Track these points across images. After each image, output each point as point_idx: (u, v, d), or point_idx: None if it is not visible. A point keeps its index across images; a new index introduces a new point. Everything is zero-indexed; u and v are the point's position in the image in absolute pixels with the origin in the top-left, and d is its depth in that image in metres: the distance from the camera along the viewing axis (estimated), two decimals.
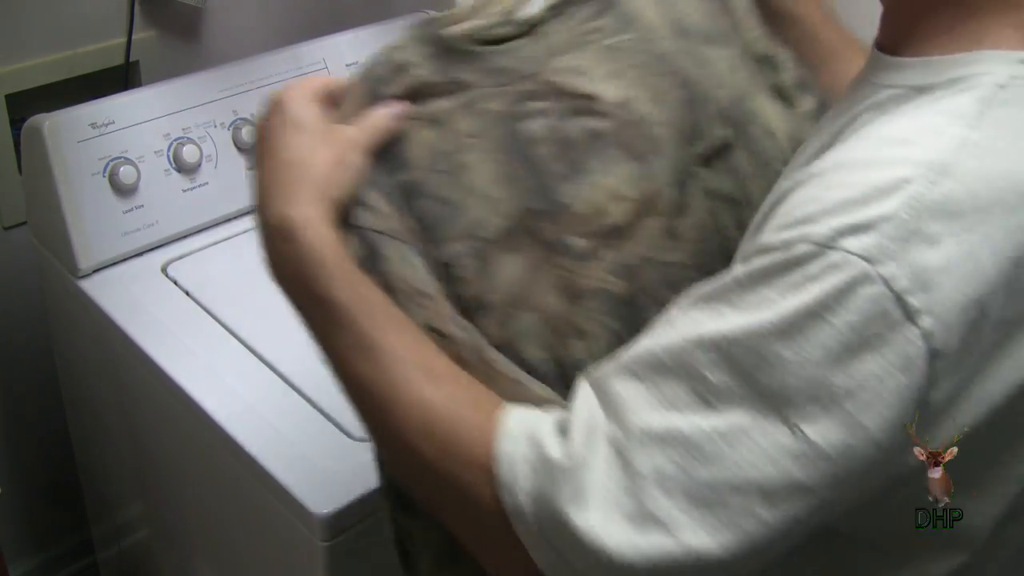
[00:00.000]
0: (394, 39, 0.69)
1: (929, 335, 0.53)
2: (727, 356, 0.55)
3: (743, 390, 0.54)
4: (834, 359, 0.53)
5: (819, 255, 0.53)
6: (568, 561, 0.56)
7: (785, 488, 0.54)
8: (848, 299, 0.52)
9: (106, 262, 1.25)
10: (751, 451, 0.54)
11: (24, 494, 1.65)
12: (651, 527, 0.54)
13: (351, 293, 0.63)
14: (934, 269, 0.53)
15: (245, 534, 1.11)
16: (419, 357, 0.62)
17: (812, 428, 0.53)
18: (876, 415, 0.54)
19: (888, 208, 0.53)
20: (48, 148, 1.20)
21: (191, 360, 1.11)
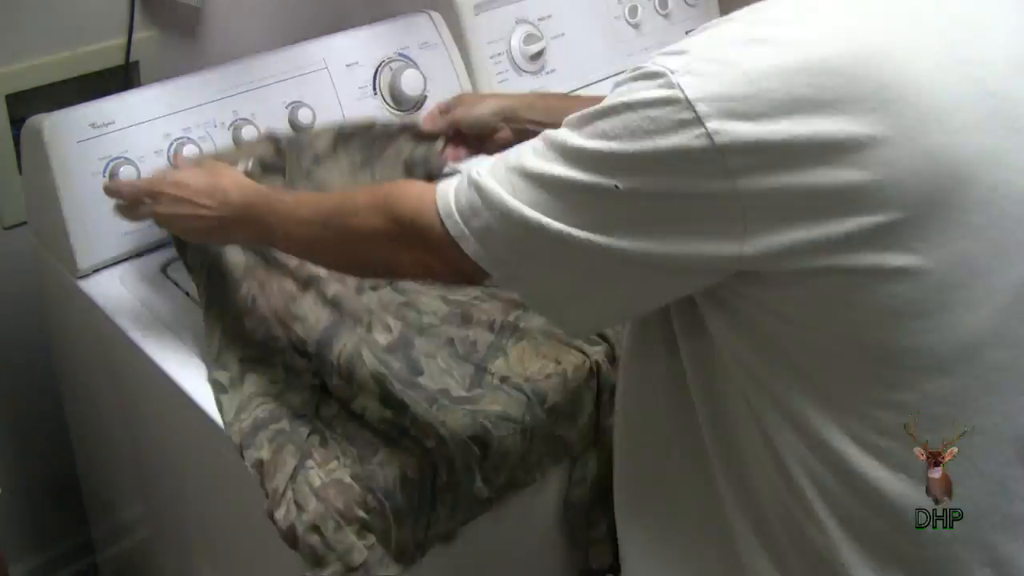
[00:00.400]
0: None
1: (715, 133, 0.68)
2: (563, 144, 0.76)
3: (578, 158, 0.74)
4: (632, 137, 0.71)
5: (643, 69, 0.73)
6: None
7: (604, 221, 0.74)
8: (650, 94, 0.71)
9: (106, 262, 1.25)
10: (580, 197, 0.74)
11: (24, 494, 1.65)
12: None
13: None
14: (728, 87, 0.69)
15: (245, 534, 1.11)
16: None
17: (624, 181, 0.72)
18: (674, 182, 0.71)
19: (701, 40, 0.73)
20: (48, 148, 1.20)
21: (191, 360, 1.11)
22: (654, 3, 1.81)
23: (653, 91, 0.71)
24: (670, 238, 0.73)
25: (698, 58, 0.71)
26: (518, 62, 1.62)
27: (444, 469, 0.98)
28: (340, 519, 0.92)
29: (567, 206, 0.75)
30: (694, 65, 0.71)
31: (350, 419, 1.00)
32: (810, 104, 0.69)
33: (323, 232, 0.92)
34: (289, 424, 1.00)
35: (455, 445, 0.99)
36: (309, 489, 0.93)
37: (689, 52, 0.72)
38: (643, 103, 0.71)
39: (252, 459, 0.97)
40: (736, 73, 0.70)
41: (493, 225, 0.79)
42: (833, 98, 0.69)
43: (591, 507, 1.23)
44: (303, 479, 0.94)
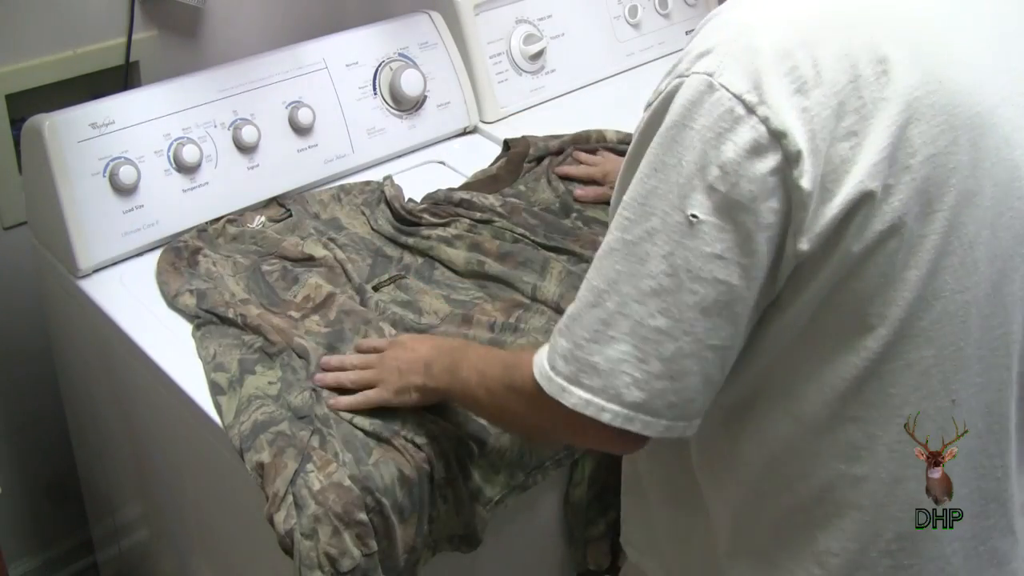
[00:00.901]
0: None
1: (766, 119, 0.69)
2: (632, 199, 0.74)
3: (646, 205, 0.73)
4: (700, 155, 0.70)
5: (680, 84, 0.72)
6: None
7: (702, 260, 0.71)
8: (700, 107, 0.70)
9: (106, 262, 1.25)
10: (667, 243, 0.72)
11: (24, 494, 1.65)
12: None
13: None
14: (763, 70, 0.69)
15: (245, 534, 1.11)
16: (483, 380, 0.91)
17: (702, 211, 0.70)
18: (746, 192, 0.70)
19: (724, 35, 0.72)
20: (48, 148, 1.20)
21: (191, 360, 1.11)
22: (654, 3, 1.81)
23: (705, 103, 0.71)
24: (753, 255, 0.72)
25: (727, 52, 0.71)
26: (518, 62, 1.62)
27: (441, 465, 0.98)
28: (338, 523, 0.92)
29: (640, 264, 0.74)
30: (726, 60, 0.71)
31: (342, 422, 1.01)
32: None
33: (498, 389, 0.90)
34: (289, 426, 1.00)
35: (448, 442, 0.99)
36: (308, 493, 0.93)
37: (714, 50, 0.72)
38: (694, 116, 0.71)
39: (252, 462, 0.97)
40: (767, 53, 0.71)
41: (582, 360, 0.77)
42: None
43: (589, 506, 1.23)
44: (302, 483, 0.94)
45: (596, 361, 0.75)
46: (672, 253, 0.72)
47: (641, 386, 0.74)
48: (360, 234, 1.31)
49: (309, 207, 1.36)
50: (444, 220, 1.31)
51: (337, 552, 0.92)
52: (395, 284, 1.22)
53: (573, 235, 1.30)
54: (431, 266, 1.26)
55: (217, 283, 1.21)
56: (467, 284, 1.22)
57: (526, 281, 1.20)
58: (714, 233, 0.71)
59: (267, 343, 1.11)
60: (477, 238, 1.27)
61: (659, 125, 0.74)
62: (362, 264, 1.25)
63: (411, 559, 0.99)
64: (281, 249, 1.26)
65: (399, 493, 0.96)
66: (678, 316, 0.73)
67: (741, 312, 0.74)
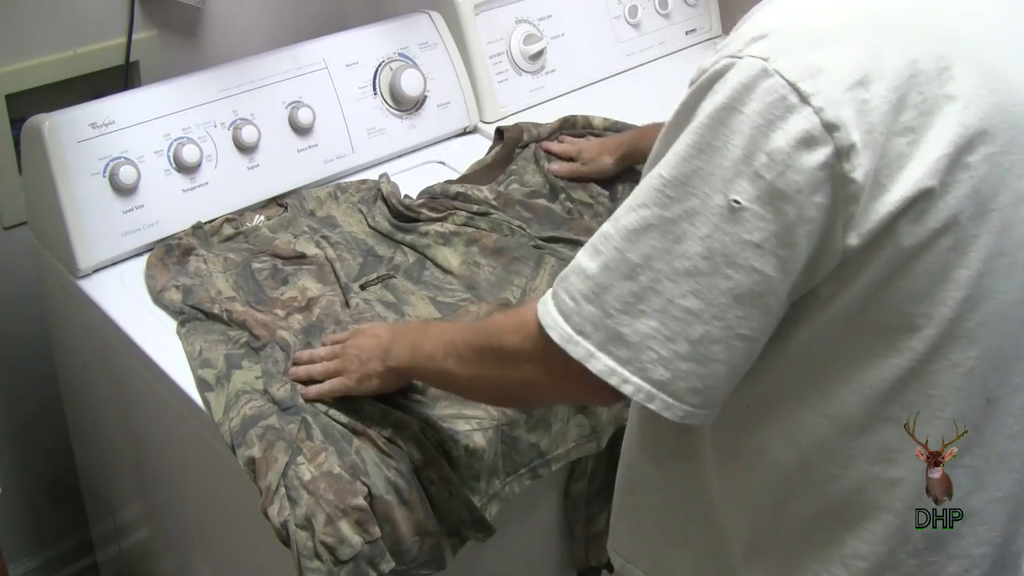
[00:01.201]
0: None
1: (820, 110, 0.67)
2: (673, 176, 0.71)
3: (688, 185, 0.71)
4: (748, 140, 0.68)
5: (732, 64, 0.70)
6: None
7: (739, 246, 0.70)
8: (752, 91, 0.68)
9: (106, 262, 1.25)
10: (706, 225, 0.70)
11: (24, 494, 1.65)
12: None
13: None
14: (821, 59, 0.68)
15: (244, 532, 1.11)
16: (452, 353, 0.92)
17: (745, 198, 0.69)
18: (792, 183, 0.68)
19: (782, 21, 0.71)
20: (48, 148, 1.20)
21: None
22: (654, 3, 1.81)
23: (758, 88, 0.69)
24: (792, 248, 0.71)
25: (785, 37, 0.70)
26: (518, 62, 1.62)
27: (414, 447, 0.99)
28: (332, 511, 0.92)
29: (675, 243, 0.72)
30: (783, 46, 0.69)
31: (319, 415, 1.02)
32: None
33: (473, 356, 0.91)
34: (278, 420, 1.00)
35: (415, 426, 1.00)
36: (300, 484, 0.94)
37: (770, 34, 0.70)
38: (745, 100, 0.69)
39: (244, 457, 0.98)
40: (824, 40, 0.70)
41: (591, 301, 0.76)
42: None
43: (591, 502, 1.23)
44: (294, 474, 0.95)
45: (625, 332, 0.74)
46: (710, 236, 0.71)
47: (667, 365, 0.73)
48: (354, 232, 1.32)
49: (305, 204, 1.37)
50: (442, 214, 1.32)
51: (334, 541, 0.92)
52: (383, 284, 1.22)
53: (567, 224, 1.31)
54: (422, 265, 1.26)
55: (204, 280, 1.21)
56: (455, 285, 1.22)
57: (516, 285, 1.20)
58: (754, 221, 0.70)
59: (252, 338, 1.12)
60: (474, 232, 1.28)
61: (701, 102, 0.72)
62: (352, 263, 1.26)
63: (427, 543, 0.98)
64: (273, 247, 1.27)
65: (389, 474, 0.96)
66: (710, 299, 0.72)
67: (773, 304, 0.73)
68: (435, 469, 0.99)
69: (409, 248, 1.29)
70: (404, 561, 0.97)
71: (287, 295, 1.20)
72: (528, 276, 1.21)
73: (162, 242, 1.27)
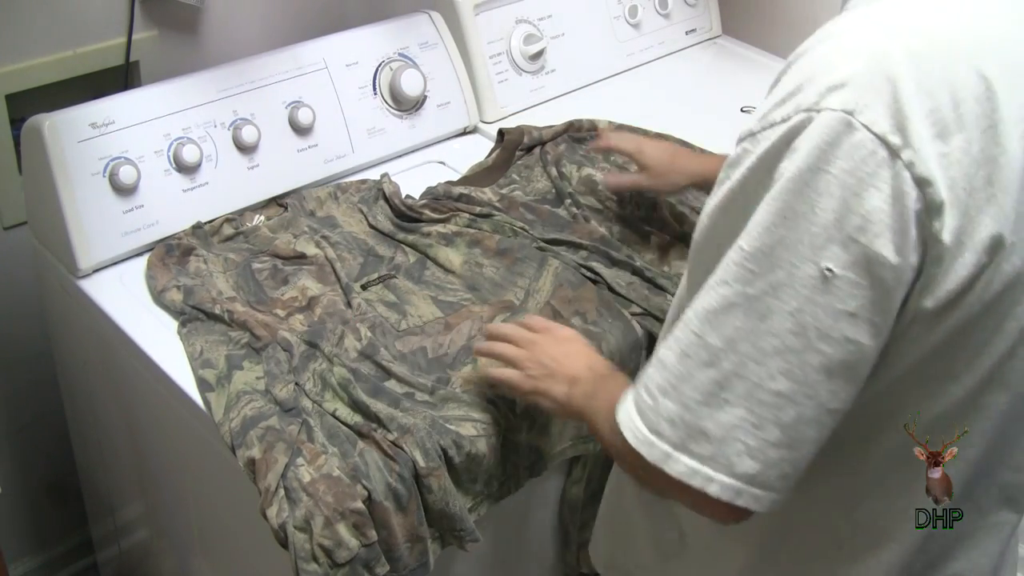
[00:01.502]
0: None
1: (911, 165, 0.63)
2: (755, 249, 0.66)
3: (772, 256, 0.66)
4: (839, 203, 0.63)
5: (810, 119, 0.64)
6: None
7: (833, 317, 0.65)
8: (838, 148, 0.63)
9: (106, 262, 1.25)
10: (795, 298, 0.65)
11: (24, 494, 1.65)
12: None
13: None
14: (906, 109, 0.63)
15: (244, 533, 1.11)
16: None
17: (838, 265, 0.64)
18: (887, 242, 0.63)
19: (858, 65, 0.65)
20: (48, 148, 1.20)
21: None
22: (654, 3, 1.81)
23: (844, 144, 0.64)
24: (887, 314, 0.66)
25: (866, 85, 0.64)
26: (518, 62, 1.62)
27: (419, 454, 0.98)
28: (331, 514, 0.92)
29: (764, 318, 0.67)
30: (866, 96, 0.64)
31: (325, 415, 1.02)
32: None
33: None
34: (278, 421, 1.00)
35: (422, 433, 1.00)
36: (299, 486, 0.94)
37: (848, 83, 0.65)
38: (831, 159, 0.64)
39: (244, 458, 0.98)
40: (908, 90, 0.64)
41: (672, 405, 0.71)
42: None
43: (584, 508, 1.23)
44: (293, 476, 0.95)
45: (707, 426, 0.68)
46: (800, 310, 0.65)
47: (755, 455, 0.68)
48: (354, 233, 1.32)
49: (305, 204, 1.37)
50: (444, 216, 1.31)
51: (332, 543, 0.92)
52: (384, 284, 1.22)
53: (570, 227, 1.30)
54: (423, 265, 1.26)
55: (204, 280, 1.21)
56: (456, 285, 1.22)
57: (519, 286, 1.20)
58: (848, 289, 0.64)
59: (253, 338, 1.12)
60: (477, 234, 1.28)
61: (777, 163, 0.66)
62: (353, 263, 1.26)
63: (416, 549, 0.99)
64: (273, 247, 1.27)
65: (390, 479, 0.96)
66: (802, 378, 0.66)
67: (863, 373, 0.68)
68: (436, 479, 0.99)
69: (410, 248, 1.29)
70: (397, 569, 0.97)
71: (287, 295, 1.20)
72: (531, 277, 1.21)
73: (162, 242, 1.27)
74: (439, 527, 1.02)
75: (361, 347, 1.10)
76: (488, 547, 1.10)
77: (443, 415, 1.03)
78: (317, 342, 1.11)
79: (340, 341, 1.11)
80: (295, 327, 1.14)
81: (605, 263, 1.23)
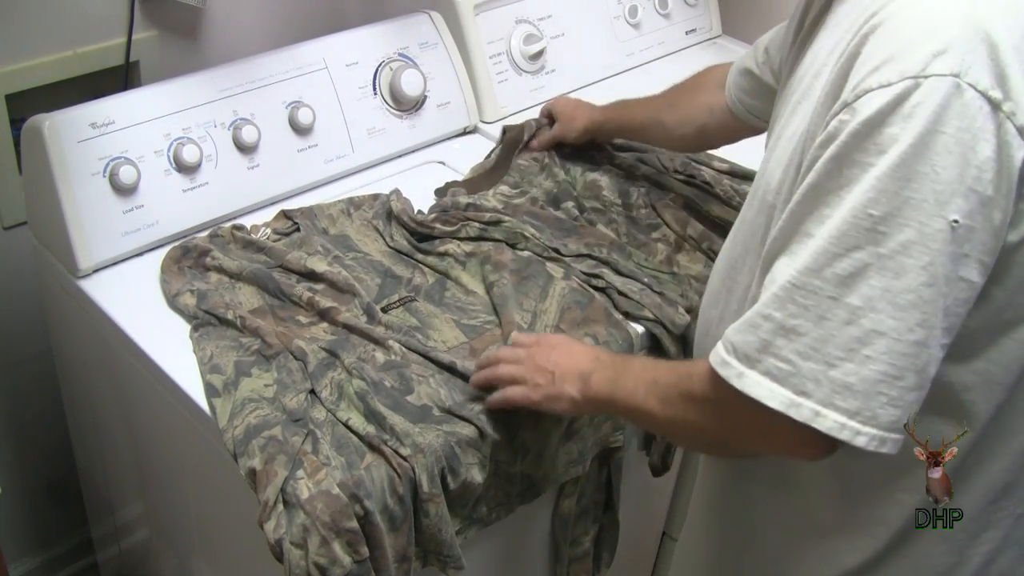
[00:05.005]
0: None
1: (1012, 114, 0.69)
2: (885, 212, 0.70)
3: (900, 217, 0.70)
4: (958, 159, 0.69)
5: (918, 85, 0.69)
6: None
7: (956, 263, 0.71)
8: (950, 110, 0.68)
9: (106, 262, 1.25)
10: (927, 253, 0.70)
11: (24, 494, 1.65)
12: None
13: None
14: (1004, 67, 0.69)
15: (244, 534, 1.10)
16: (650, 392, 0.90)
17: (962, 215, 0.70)
18: (999, 188, 0.70)
19: (954, 30, 0.70)
20: (48, 148, 1.20)
21: (190, 360, 1.11)
22: (654, 3, 1.81)
23: (955, 106, 0.69)
24: (995, 253, 0.73)
25: (967, 49, 0.70)
26: (518, 62, 1.62)
27: (425, 479, 0.99)
28: (327, 532, 0.93)
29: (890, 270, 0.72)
30: (968, 57, 0.69)
31: (337, 424, 1.01)
32: None
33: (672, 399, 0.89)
34: (282, 431, 1.00)
35: (431, 457, 0.99)
36: (297, 503, 0.94)
37: (950, 48, 0.69)
38: (945, 120, 0.69)
39: (245, 467, 0.98)
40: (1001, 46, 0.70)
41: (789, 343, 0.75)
42: None
43: (576, 523, 1.23)
44: (292, 491, 0.95)
45: (852, 382, 0.73)
46: (932, 263, 0.70)
47: (896, 403, 0.73)
48: (370, 254, 1.29)
49: (317, 222, 1.34)
50: (455, 227, 1.30)
51: (326, 561, 0.92)
52: (404, 307, 1.20)
53: (576, 233, 1.30)
54: (442, 286, 1.23)
55: (219, 285, 1.20)
56: (477, 306, 1.20)
57: (525, 308, 1.18)
58: (967, 234, 0.70)
59: (264, 345, 1.11)
60: (490, 249, 1.26)
61: (881, 128, 0.70)
62: (371, 284, 1.23)
63: (403, 568, 0.99)
64: (285, 262, 1.24)
65: (389, 500, 0.96)
66: (932, 324, 0.72)
67: (968, 308, 0.74)
68: (435, 505, 0.99)
69: (429, 268, 1.26)
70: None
71: (306, 296, 1.17)
72: (536, 298, 1.19)
73: (177, 244, 1.26)
74: (425, 548, 1.02)
75: (391, 359, 1.09)
76: (479, 562, 1.10)
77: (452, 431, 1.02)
78: (338, 352, 1.09)
79: (368, 354, 1.10)
80: (317, 336, 1.13)
81: (613, 272, 1.23)
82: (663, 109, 1.33)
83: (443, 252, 1.27)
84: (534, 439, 1.08)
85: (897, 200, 0.70)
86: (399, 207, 1.35)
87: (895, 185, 0.70)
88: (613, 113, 1.42)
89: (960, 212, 0.69)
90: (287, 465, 0.96)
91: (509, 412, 1.05)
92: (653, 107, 1.35)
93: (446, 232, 1.29)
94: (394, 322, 1.17)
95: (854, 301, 0.72)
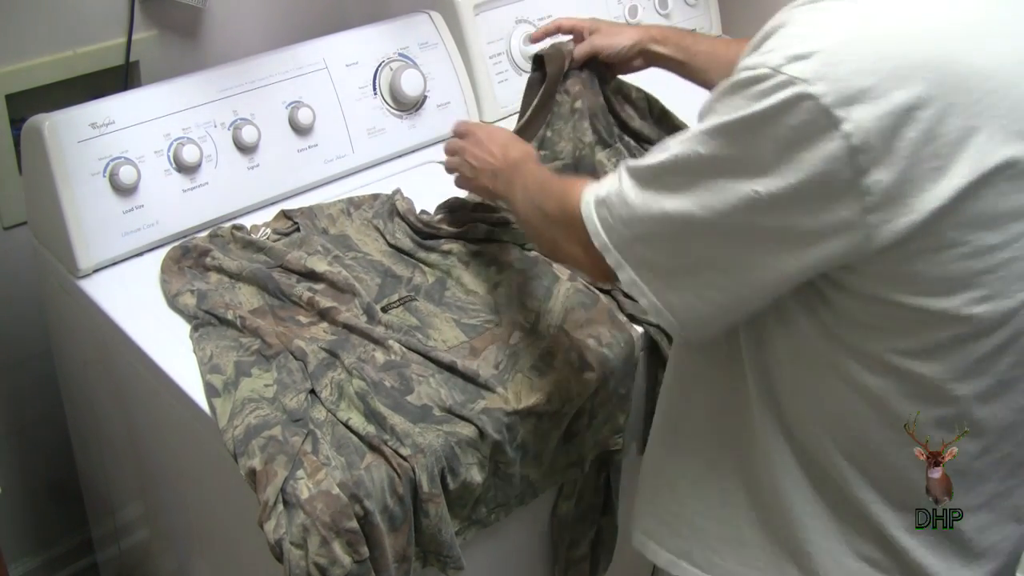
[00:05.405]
0: None
1: (848, 135, 0.70)
2: (712, 139, 0.77)
3: (721, 163, 0.77)
4: (780, 150, 0.73)
5: (770, 77, 0.73)
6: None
7: (744, 226, 0.76)
8: (791, 110, 0.72)
9: (106, 262, 1.25)
10: (723, 193, 0.76)
11: (24, 494, 1.65)
12: None
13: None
14: (858, 86, 0.70)
15: (244, 534, 1.10)
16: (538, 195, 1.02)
17: (765, 187, 0.74)
18: (811, 189, 0.73)
19: (829, 40, 0.73)
20: (48, 148, 1.20)
21: (190, 360, 1.11)
22: (654, 3, 1.81)
23: (795, 109, 0.72)
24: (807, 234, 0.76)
25: (825, 64, 0.71)
26: (518, 62, 1.62)
27: (425, 479, 0.99)
28: (327, 532, 0.93)
29: (699, 192, 0.78)
30: (823, 70, 0.71)
31: (337, 424, 1.01)
32: None
33: (533, 210, 1.03)
34: (282, 431, 1.00)
35: (432, 457, 0.99)
36: (297, 503, 0.94)
37: (814, 56, 0.72)
38: (778, 115, 0.73)
39: (245, 468, 0.98)
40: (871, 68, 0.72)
41: (622, 214, 0.84)
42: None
43: (574, 526, 1.23)
44: (292, 491, 0.95)
45: (651, 260, 0.85)
46: (725, 205, 0.79)
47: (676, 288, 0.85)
48: (370, 254, 1.28)
49: (317, 222, 1.34)
50: (462, 228, 1.29)
51: (327, 561, 0.92)
52: (404, 306, 1.20)
53: None
54: (442, 285, 1.23)
55: (219, 285, 1.20)
56: (478, 305, 1.20)
57: (530, 308, 1.18)
58: (770, 210, 0.76)
59: (264, 345, 1.11)
60: (496, 251, 1.26)
61: (731, 99, 0.76)
62: (371, 283, 1.23)
63: (403, 568, 0.99)
64: (285, 262, 1.24)
65: (389, 500, 0.96)
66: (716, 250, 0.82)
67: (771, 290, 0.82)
68: (435, 505, 0.99)
69: (429, 268, 1.26)
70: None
71: (306, 296, 1.18)
72: (541, 299, 1.19)
73: (177, 244, 1.26)
74: (425, 549, 1.02)
75: (391, 359, 1.09)
76: (478, 563, 1.10)
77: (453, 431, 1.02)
78: (338, 352, 1.09)
79: (368, 354, 1.10)
80: (318, 336, 1.13)
81: None
82: (721, 46, 1.31)
83: (447, 251, 1.27)
84: (533, 440, 1.08)
85: (722, 150, 0.76)
86: (404, 207, 1.34)
87: (723, 139, 0.76)
88: (671, 32, 1.33)
89: (765, 188, 0.74)
90: (287, 465, 0.96)
91: (509, 414, 1.05)
92: (712, 43, 1.32)
93: (452, 233, 1.29)
94: (394, 322, 1.17)
95: (668, 205, 0.80)
